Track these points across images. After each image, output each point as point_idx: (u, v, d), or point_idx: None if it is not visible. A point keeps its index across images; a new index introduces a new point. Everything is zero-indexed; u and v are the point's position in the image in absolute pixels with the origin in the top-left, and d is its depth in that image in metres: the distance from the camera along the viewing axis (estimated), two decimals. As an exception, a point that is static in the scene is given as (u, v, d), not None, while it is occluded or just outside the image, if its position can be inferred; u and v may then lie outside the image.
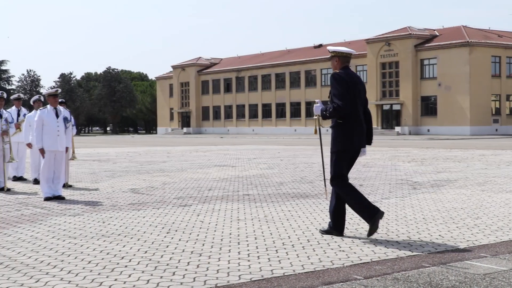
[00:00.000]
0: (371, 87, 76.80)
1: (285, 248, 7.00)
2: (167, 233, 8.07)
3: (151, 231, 8.19)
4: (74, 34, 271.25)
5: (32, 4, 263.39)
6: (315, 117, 8.20)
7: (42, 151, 11.96)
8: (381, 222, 8.68)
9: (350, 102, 7.56)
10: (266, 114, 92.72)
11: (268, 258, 6.48)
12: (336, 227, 7.81)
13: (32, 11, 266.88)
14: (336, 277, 5.73)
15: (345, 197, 7.77)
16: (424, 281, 5.58)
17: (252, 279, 5.66)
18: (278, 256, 6.58)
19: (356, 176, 16.11)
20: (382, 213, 7.58)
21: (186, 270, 6.02)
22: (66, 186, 13.73)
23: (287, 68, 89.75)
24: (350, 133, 7.68)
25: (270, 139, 61.14)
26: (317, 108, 7.91)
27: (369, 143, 8.07)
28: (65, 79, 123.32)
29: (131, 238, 7.73)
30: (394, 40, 75.01)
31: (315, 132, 8.48)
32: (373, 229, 7.54)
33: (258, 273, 5.88)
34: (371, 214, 7.52)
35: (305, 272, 5.91)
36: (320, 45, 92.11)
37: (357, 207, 7.65)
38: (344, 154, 7.79)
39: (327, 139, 8.17)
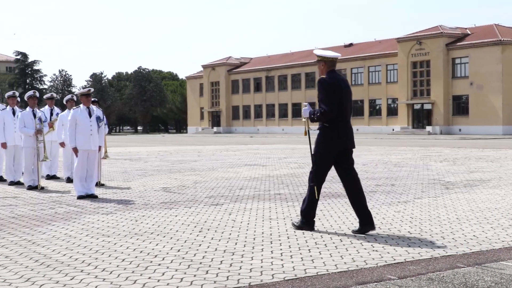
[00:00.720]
0: (402, 86, 76.37)
1: (318, 248, 6.98)
2: (200, 232, 8.09)
3: (184, 230, 8.22)
4: (105, 34, 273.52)
5: (63, 4, 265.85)
6: (303, 119, 8.43)
7: (75, 150, 12.06)
8: (414, 222, 8.66)
9: (336, 106, 7.77)
10: (296, 113, 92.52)
11: (301, 258, 6.47)
12: (366, 225, 7.89)
13: (64, 11, 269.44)
14: (370, 277, 5.70)
15: (308, 194, 8.08)
16: (459, 281, 5.53)
17: (286, 278, 5.65)
18: (311, 256, 6.56)
19: (388, 175, 16.04)
20: (313, 228, 8.09)
21: (219, 268, 6.03)
22: (98, 184, 13.83)
23: (317, 67, 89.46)
24: (335, 136, 7.89)
25: (300, 138, 60.99)
26: (305, 111, 8.14)
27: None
28: (96, 78, 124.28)
29: (164, 236, 7.76)
30: (425, 39, 74.45)
31: (305, 134, 8.62)
32: (301, 226, 8.09)
33: (292, 272, 5.87)
34: (310, 223, 8.08)
35: (338, 272, 5.88)
36: (351, 44, 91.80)
37: (307, 209, 8.04)
38: (327, 155, 7.97)
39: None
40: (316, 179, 8.05)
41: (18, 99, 15.55)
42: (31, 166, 13.91)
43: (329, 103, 7.76)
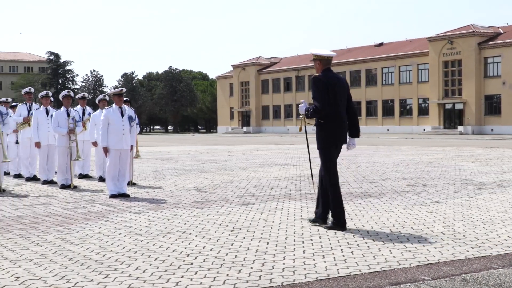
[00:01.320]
0: (433, 86, 75.78)
1: (350, 248, 6.95)
2: (231, 231, 8.11)
3: (216, 229, 8.24)
4: (136, 34, 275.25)
5: (94, 4, 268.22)
6: (300, 116, 8.75)
7: (105, 150, 12.14)
8: (447, 222, 8.59)
9: (328, 103, 8.09)
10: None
11: (334, 257, 6.45)
12: (338, 224, 8.17)
13: (94, 12, 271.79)
14: (403, 278, 5.66)
15: (328, 189, 8.24)
16: (494, 283, 5.47)
17: (318, 278, 5.64)
18: (343, 256, 6.54)
19: (419, 176, 15.93)
20: (345, 229, 8.12)
21: (251, 268, 6.03)
22: (130, 184, 13.92)
23: (347, 67, 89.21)
24: (330, 131, 8.24)
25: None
26: (301, 108, 8.47)
27: (357, 135, 8.57)
28: (127, 78, 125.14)
29: (196, 235, 7.79)
30: (456, 38, 73.78)
31: (300, 130, 9.08)
32: (332, 227, 8.14)
33: (324, 272, 5.86)
34: (340, 220, 8.13)
35: (371, 272, 5.86)
36: (381, 44, 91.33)
37: (334, 203, 8.17)
38: (329, 149, 8.30)
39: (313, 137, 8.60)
40: (328, 174, 8.26)
41: (52, 99, 15.71)
42: (64, 165, 14.05)
43: (321, 100, 8.09)
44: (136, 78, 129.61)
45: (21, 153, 16.46)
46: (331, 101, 8.12)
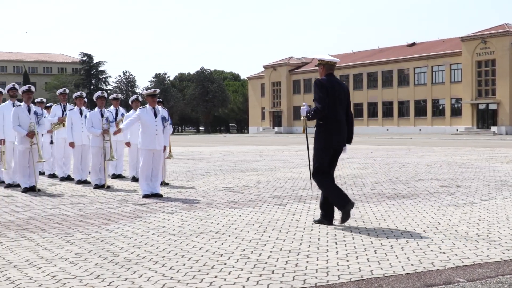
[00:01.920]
0: (466, 86, 75.08)
1: (383, 249, 6.92)
2: (264, 231, 8.12)
3: (248, 230, 8.26)
4: (168, 35, 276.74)
5: (126, 6, 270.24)
6: (302, 118, 9.23)
7: (119, 131, 13.08)
8: (482, 224, 8.50)
9: (328, 106, 8.48)
10: (358, 113, 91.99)
11: (367, 259, 6.43)
12: (326, 216, 8.64)
13: (127, 13, 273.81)
14: (438, 279, 5.62)
15: (324, 191, 8.66)
16: (531, 285, 5.41)
17: (352, 279, 5.62)
18: (377, 257, 6.51)
19: (453, 176, 15.79)
20: (352, 203, 8.52)
21: (285, 268, 6.03)
22: (163, 184, 14.00)
23: (379, 67, 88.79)
24: (329, 133, 8.59)
25: (361, 138, 60.58)
26: (303, 110, 8.91)
27: (349, 142, 8.96)
28: (159, 79, 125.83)
29: (229, 236, 7.81)
30: (490, 38, 73.04)
31: (303, 131, 9.55)
32: (344, 217, 8.47)
33: (358, 273, 5.84)
34: (344, 203, 8.44)
35: (405, 274, 5.82)
36: (413, 44, 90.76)
37: (335, 199, 8.51)
38: (324, 150, 8.64)
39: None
40: (323, 173, 8.67)
41: (85, 99, 15.86)
42: (98, 166, 14.18)
43: (322, 102, 8.49)
44: (168, 78, 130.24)
45: (55, 153, 16.65)
46: (331, 104, 8.52)
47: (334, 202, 8.55)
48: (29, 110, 13.55)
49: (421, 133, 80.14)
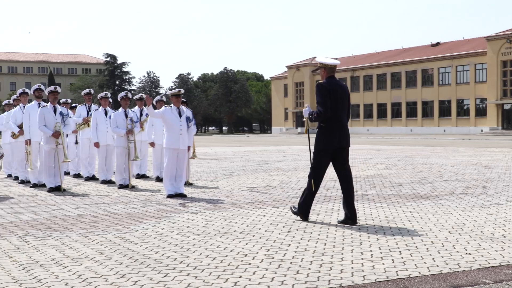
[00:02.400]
0: (491, 86, 74.47)
1: (408, 250, 6.88)
2: (288, 231, 8.11)
3: (272, 230, 8.26)
4: (191, 36, 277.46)
5: (149, 7, 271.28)
6: (304, 119, 9.43)
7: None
8: (508, 225, 8.44)
9: (330, 108, 8.68)
10: (381, 114, 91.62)
11: (392, 259, 6.39)
12: (350, 217, 8.71)
13: (150, 14, 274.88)
14: (464, 280, 5.58)
15: (306, 188, 9.03)
16: (558, 287, 5.35)
17: (377, 280, 5.60)
18: (402, 258, 6.48)
19: (478, 177, 15.68)
20: (307, 219, 9.01)
21: (309, 269, 6.02)
22: (187, 184, 14.05)
23: (403, 67, 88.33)
24: (330, 134, 8.80)
25: (385, 139, 60.33)
26: (305, 111, 9.10)
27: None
28: (183, 79, 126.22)
29: (253, 236, 7.81)
30: (516, 37, 72.34)
31: (305, 132, 9.82)
32: (297, 213, 9.07)
33: (383, 274, 5.81)
34: (306, 214, 9.03)
35: (431, 274, 5.78)
36: (438, 43, 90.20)
37: (303, 204, 9.00)
38: (322, 153, 8.90)
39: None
40: (314, 174, 8.96)
41: (110, 100, 15.96)
42: (122, 166, 14.26)
43: (324, 106, 8.70)
44: (191, 79, 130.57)
45: (80, 153, 16.76)
46: (333, 107, 8.72)
47: (300, 206, 9.03)
48: (55, 111, 13.66)
49: (445, 133, 79.62)
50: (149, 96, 12.26)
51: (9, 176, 17.49)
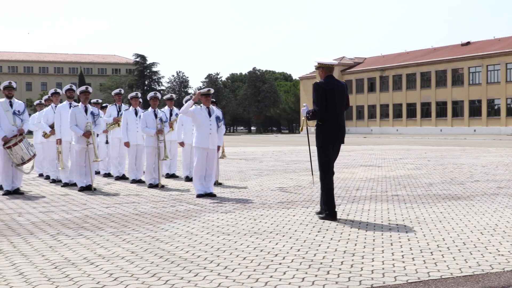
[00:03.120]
0: (523, 85, 73.57)
1: (440, 251, 6.82)
2: (318, 232, 8.09)
3: (302, 230, 8.24)
4: (220, 36, 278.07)
5: (178, 8, 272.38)
6: (302, 118, 9.82)
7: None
8: (541, 226, 8.35)
9: (326, 107, 9.00)
10: (411, 113, 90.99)
11: (424, 260, 6.35)
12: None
13: (180, 14, 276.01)
14: (497, 282, 5.52)
15: (321, 184, 9.14)
16: None
17: (409, 281, 5.56)
18: (433, 259, 6.43)
19: (509, 178, 15.51)
20: (335, 219, 9.02)
21: (340, 269, 6.00)
22: (216, 183, 14.07)
23: (432, 66, 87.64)
24: (327, 132, 9.15)
25: (414, 139, 59.92)
26: (303, 110, 9.42)
27: (342, 141, 9.42)
28: (211, 79, 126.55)
29: (283, 236, 7.81)
30: (548, 36, 71.44)
31: (301, 130, 10.47)
32: (325, 217, 9.04)
33: (414, 275, 5.77)
34: (331, 213, 9.03)
35: (463, 276, 5.73)
36: (468, 43, 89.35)
37: (325, 206, 9.05)
38: (322, 149, 9.19)
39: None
40: (323, 170, 9.15)
41: (141, 100, 16.05)
42: (152, 165, 14.33)
43: (319, 105, 9.01)
44: (220, 79, 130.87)
45: (111, 153, 16.89)
46: (330, 105, 9.02)
47: (324, 209, 9.11)
48: (86, 111, 13.77)
49: (476, 133, 78.85)
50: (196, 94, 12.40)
51: (41, 175, 17.66)
